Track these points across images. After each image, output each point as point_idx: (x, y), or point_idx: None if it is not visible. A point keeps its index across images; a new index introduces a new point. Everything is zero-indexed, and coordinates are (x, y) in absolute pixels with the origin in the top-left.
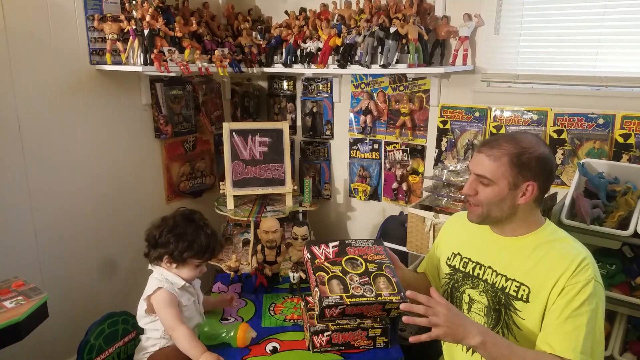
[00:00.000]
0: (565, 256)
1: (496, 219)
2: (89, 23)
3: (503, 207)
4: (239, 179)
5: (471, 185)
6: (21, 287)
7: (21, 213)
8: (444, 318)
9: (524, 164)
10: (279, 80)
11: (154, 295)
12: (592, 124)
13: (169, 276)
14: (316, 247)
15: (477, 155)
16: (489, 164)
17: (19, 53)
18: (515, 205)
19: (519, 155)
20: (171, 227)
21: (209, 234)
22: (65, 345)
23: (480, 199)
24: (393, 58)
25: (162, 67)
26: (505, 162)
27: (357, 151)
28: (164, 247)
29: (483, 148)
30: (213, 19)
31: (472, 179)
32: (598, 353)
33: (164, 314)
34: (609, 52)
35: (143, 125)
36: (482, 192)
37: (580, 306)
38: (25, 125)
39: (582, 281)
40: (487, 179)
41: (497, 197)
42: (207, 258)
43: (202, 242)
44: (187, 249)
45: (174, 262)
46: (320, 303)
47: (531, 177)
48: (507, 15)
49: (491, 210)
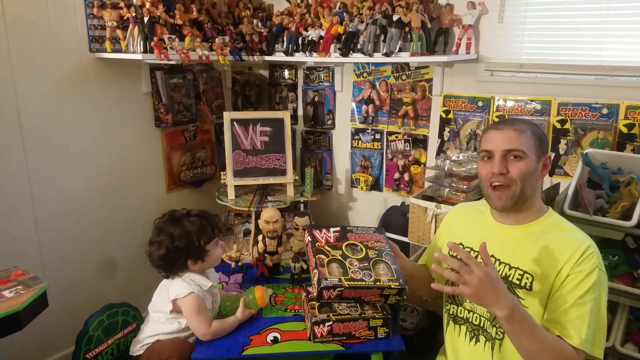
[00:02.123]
0: (570, 244)
1: (526, 197)
2: (88, 10)
3: (533, 182)
4: (239, 168)
5: (501, 163)
6: (21, 276)
7: (22, 203)
8: (476, 280)
9: (540, 137)
10: (281, 69)
11: (185, 299)
12: (596, 114)
13: (195, 278)
14: (317, 231)
15: (499, 132)
16: (518, 136)
17: (18, 41)
18: (537, 180)
19: (534, 129)
20: (171, 239)
21: (200, 214)
22: (65, 336)
23: (512, 176)
24: (396, 46)
25: (162, 55)
26: (530, 134)
27: (358, 141)
28: (180, 257)
29: (503, 125)
30: (214, 6)
31: (499, 157)
32: (601, 341)
33: (196, 321)
34: (614, 41)
35: (143, 114)
36: (514, 167)
37: (585, 294)
38: (25, 114)
39: (586, 269)
40: (520, 151)
41: (529, 170)
42: (219, 230)
43: (203, 224)
44: (198, 240)
45: (199, 258)
46: (318, 284)
47: (546, 149)
48: (511, 3)
49: (525, 187)
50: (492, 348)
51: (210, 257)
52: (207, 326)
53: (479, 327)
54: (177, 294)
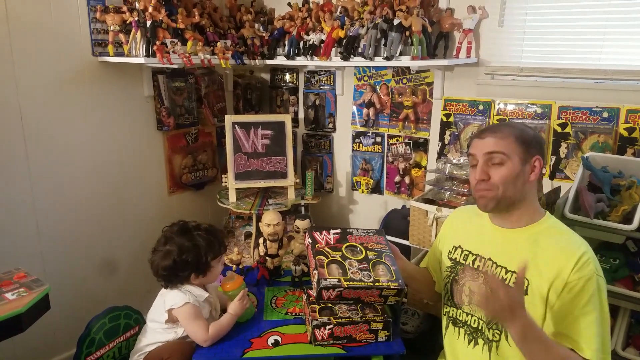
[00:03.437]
0: (565, 249)
1: (510, 200)
2: (91, 14)
3: (517, 185)
4: (241, 171)
5: (483, 169)
6: (23, 278)
7: (23, 205)
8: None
9: (527, 140)
10: (282, 72)
11: (180, 309)
12: (596, 118)
13: (192, 290)
14: (317, 233)
15: (480, 140)
16: (498, 141)
17: (21, 44)
18: (525, 183)
19: (521, 132)
20: (179, 251)
21: (208, 229)
22: (66, 338)
23: (494, 181)
24: (396, 50)
25: (164, 59)
26: (512, 140)
27: (359, 144)
28: (185, 270)
29: (485, 133)
30: (215, 10)
31: (481, 163)
32: (608, 346)
33: (195, 327)
34: (614, 44)
35: (145, 117)
36: (496, 172)
37: (588, 303)
38: (28, 116)
39: (584, 277)
40: (500, 153)
41: (511, 174)
42: (225, 248)
43: (211, 240)
44: (206, 255)
45: (202, 273)
46: (318, 284)
47: (536, 152)
48: (511, 7)
49: (507, 190)
50: (489, 350)
51: (212, 273)
52: (205, 331)
53: (477, 330)
54: (173, 304)
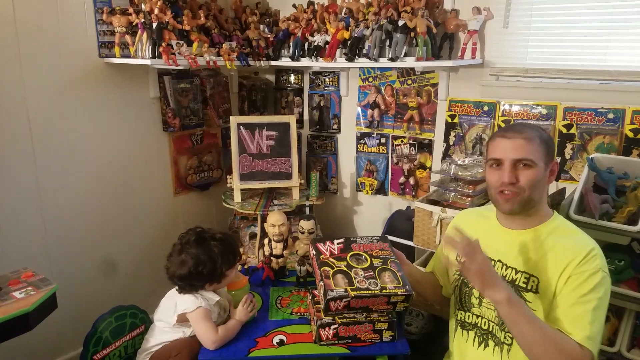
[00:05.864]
0: (574, 246)
1: (533, 203)
2: (97, 16)
3: (540, 189)
4: (246, 172)
5: (511, 173)
6: (31, 277)
7: (30, 205)
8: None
9: (547, 143)
10: (287, 73)
11: (192, 313)
12: (601, 119)
13: (204, 294)
14: (321, 244)
15: (508, 141)
16: (527, 145)
17: (28, 46)
18: (545, 186)
19: (542, 134)
20: (195, 263)
21: (223, 239)
22: (73, 337)
23: (522, 185)
24: (401, 51)
25: (170, 61)
26: (538, 142)
27: (364, 145)
28: (201, 280)
29: (511, 133)
30: (221, 12)
31: (510, 166)
32: (598, 338)
33: (204, 329)
34: (619, 45)
35: (151, 118)
36: (524, 176)
37: (589, 293)
38: (35, 118)
39: (589, 270)
40: (530, 160)
41: (537, 178)
42: (240, 257)
43: (227, 250)
44: (221, 268)
45: (216, 281)
46: (325, 296)
47: (553, 155)
48: (516, 8)
49: (533, 194)
50: (501, 352)
51: (225, 281)
52: (214, 334)
53: (488, 332)
54: (185, 308)
